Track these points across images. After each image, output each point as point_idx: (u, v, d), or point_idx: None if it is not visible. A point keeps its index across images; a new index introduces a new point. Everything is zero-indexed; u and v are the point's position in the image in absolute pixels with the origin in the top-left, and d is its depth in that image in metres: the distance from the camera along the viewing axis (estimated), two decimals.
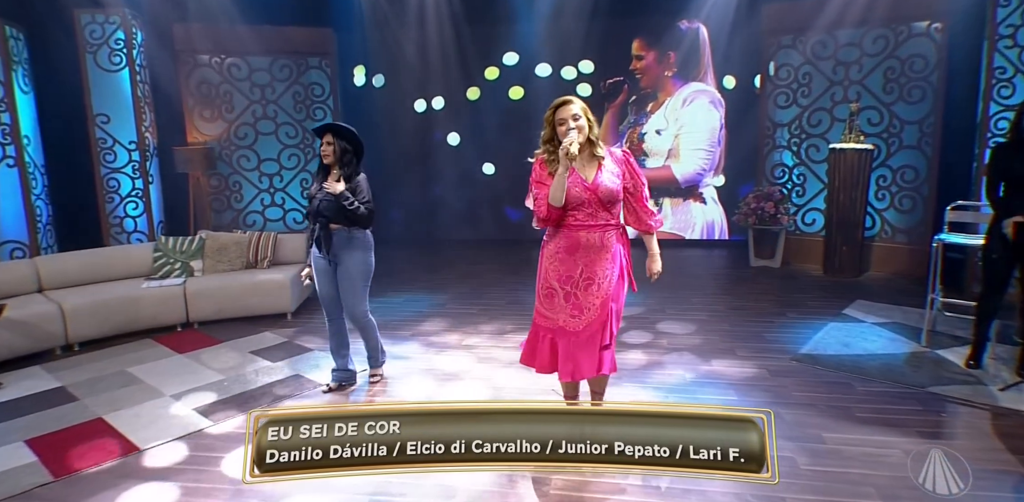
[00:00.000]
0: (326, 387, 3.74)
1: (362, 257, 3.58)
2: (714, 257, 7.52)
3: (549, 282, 2.81)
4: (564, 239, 2.76)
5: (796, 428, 3.21)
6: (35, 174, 5.92)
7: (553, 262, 2.79)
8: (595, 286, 2.75)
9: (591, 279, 2.75)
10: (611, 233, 2.79)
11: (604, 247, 2.76)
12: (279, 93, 7.38)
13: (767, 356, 4.21)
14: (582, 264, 2.75)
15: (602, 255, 2.76)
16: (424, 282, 6.34)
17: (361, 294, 3.61)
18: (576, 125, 2.68)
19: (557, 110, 2.74)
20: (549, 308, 2.82)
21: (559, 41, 7.57)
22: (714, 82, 7.48)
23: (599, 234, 2.75)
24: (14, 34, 5.62)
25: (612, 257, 2.78)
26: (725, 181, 7.75)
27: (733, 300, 5.59)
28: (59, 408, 3.57)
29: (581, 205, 2.73)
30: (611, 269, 2.78)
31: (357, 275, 3.56)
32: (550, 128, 2.76)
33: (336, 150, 3.46)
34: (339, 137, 3.47)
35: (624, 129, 7.88)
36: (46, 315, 4.45)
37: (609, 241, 2.77)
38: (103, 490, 2.74)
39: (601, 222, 2.76)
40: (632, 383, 3.78)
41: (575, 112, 2.71)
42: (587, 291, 2.75)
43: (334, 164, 3.49)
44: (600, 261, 2.75)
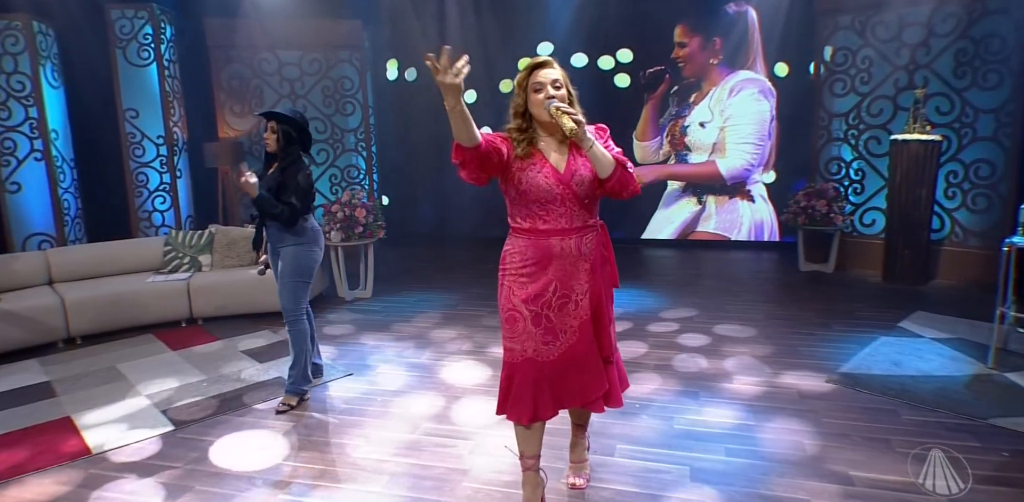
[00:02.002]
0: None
1: (295, 251, 3.28)
2: (761, 260, 6.92)
3: (512, 303, 2.22)
4: (532, 248, 2.19)
5: (819, 464, 2.71)
6: (63, 168, 6.00)
7: (518, 278, 2.21)
8: (571, 304, 2.20)
9: (566, 296, 2.20)
10: (589, 238, 2.21)
11: (582, 256, 2.19)
12: (308, 87, 7.28)
13: (800, 374, 3.68)
14: (555, 279, 2.18)
15: (580, 266, 2.19)
16: (440, 281, 6.07)
17: (292, 290, 3.30)
18: (559, 94, 2.13)
19: (533, 72, 2.16)
20: (512, 335, 2.22)
21: (596, 29, 7.14)
22: (764, 70, 6.87)
23: (576, 240, 2.17)
24: (43, 30, 5.70)
25: (592, 267, 2.22)
26: (776, 177, 7.12)
27: (773, 308, 5.04)
28: (33, 405, 3.48)
29: (551, 202, 2.14)
30: (590, 283, 2.23)
31: (289, 270, 3.29)
32: (523, 95, 2.17)
33: (279, 138, 3.21)
34: (284, 123, 3.22)
35: (665, 122, 7.37)
36: (47, 308, 4.42)
37: (587, 248, 2.20)
38: (35, 496, 2.57)
39: (578, 224, 2.17)
40: (635, 400, 3.35)
41: (556, 78, 2.15)
42: (562, 311, 2.20)
43: (277, 153, 3.25)
44: (576, 274, 2.19)
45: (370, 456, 2.82)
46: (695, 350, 4.11)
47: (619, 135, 7.40)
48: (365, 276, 5.57)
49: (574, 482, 2.57)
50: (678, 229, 7.61)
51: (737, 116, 7.06)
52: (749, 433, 2.99)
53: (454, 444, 2.92)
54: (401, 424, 3.13)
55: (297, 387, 3.37)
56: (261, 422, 3.19)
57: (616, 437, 2.96)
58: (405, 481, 2.62)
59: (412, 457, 2.81)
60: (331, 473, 2.69)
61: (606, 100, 7.31)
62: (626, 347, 4.16)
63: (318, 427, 3.13)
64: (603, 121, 6.23)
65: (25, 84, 5.58)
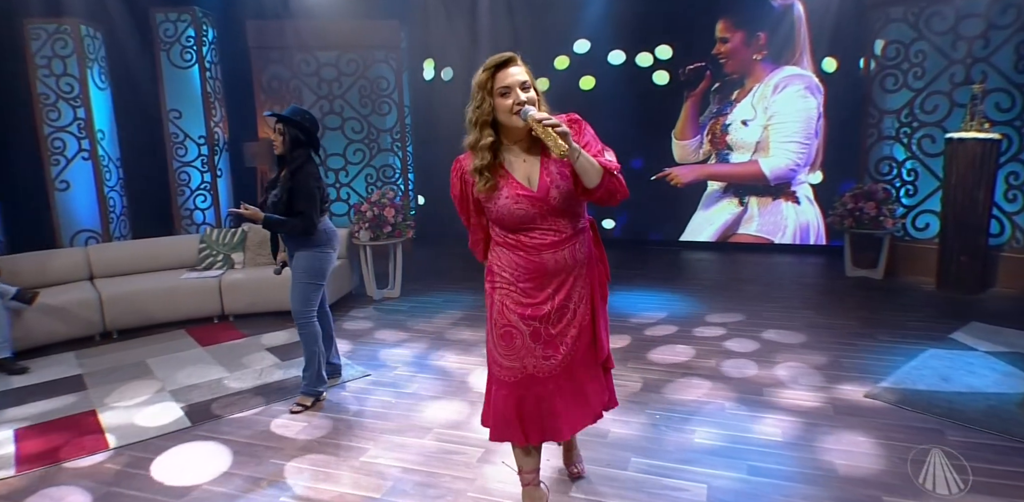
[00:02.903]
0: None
1: (309, 254, 3.26)
2: (806, 265, 6.61)
3: (507, 319, 2.08)
4: (524, 263, 2.04)
5: (851, 487, 2.52)
6: (109, 167, 6.21)
7: (510, 294, 2.07)
8: (569, 314, 2.08)
9: (565, 307, 2.08)
10: (579, 242, 2.05)
11: (577, 264, 2.06)
12: (346, 88, 7.34)
13: (838, 387, 3.46)
14: (553, 292, 2.06)
15: (575, 273, 2.07)
16: (470, 281, 6.01)
17: (302, 292, 3.28)
18: (529, 96, 1.90)
19: (497, 74, 1.90)
20: (509, 352, 2.09)
21: (634, 25, 6.96)
22: (811, 65, 6.57)
23: (569, 250, 2.03)
24: (91, 33, 5.90)
25: (588, 272, 2.11)
26: (823, 178, 6.80)
27: (815, 316, 4.79)
28: (64, 397, 3.58)
29: (531, 222, 1.98)
30: (586, 288, 2.11)
31: (301, 272, 3.28)
32: (490, 101, 1.92)
33: (286, 140, 3.19)
34: (290, 125, 3.20)
35: (705, 120, 7.13)
36: (86, 303, 4.56)
37: (581, 254, 2.07)
38: (49, 487, 2.62)
39: (567, 233, 2.02)
40: (655, 411, 3.21)
41: (524, 79, 1.90)
42: (560, 321, 2.08)
43: (285, 155, 3.23)
44: (574, 282, 2.07)
45: (376, 460, 2.78)
46: (726, 356, 3.93)
47: (657, 134, 7.28)
48: (393, 275, 5.56)
49: (573, 470, 2.58)
50: (718, 231, 7.36)
51: (782, 114, 6.77)
52: (776, 450, 2.81)
53: (463, 451, 2.84)
54: (413, 428, 3.08)
55: (311, 388, 3.36)
56: (273, 421, 3.19)
57: (631, 449, 2.84)
58: (408, 488, 2.56)
59: (419, 463, 2.75)
60: (335, 477, 2.65)
61: (644, 98, 7.13)
62: (661, 353, 4.02)
63: (329, 428, 3.10)
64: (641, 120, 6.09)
65: (73, 86, 5.79)
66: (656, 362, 3.89)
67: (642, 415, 3.17)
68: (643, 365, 3.84)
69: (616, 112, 7.06)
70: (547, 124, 1.80)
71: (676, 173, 7.37)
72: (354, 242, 5.42)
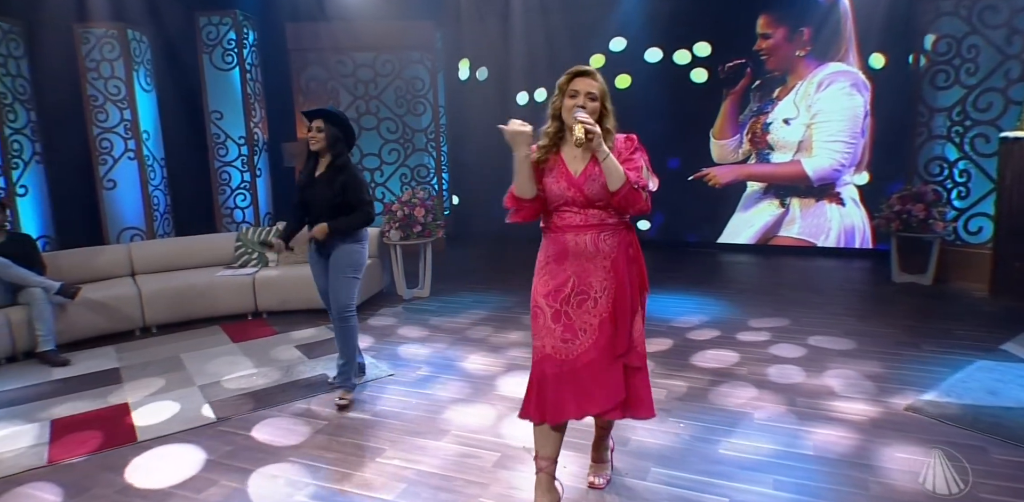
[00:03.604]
0: (331, 380, 3.62)
1: (353, 247, 3.33)
2: (851, 269, 6.37)
3: (535, 299, 2.28)
4: (552, 244, 2.27)
5: None
6: (154, 167, 6.41)
7: (542, 275, 2.28)
8: (590, 302, 2.21)
9: (585, 293, 2.22)
10: (608, 234, 2.22)
11: (599, 253, 2.22)
12: (381, 88, 7.41)
13: (876, 399, 3.30)
14: (573, 275, 2.22)
15: (597, 263, 2.22)
16: (500, 282, 6.00)
17: (347, 286, 3.34)
18: (588, 107, 2.17)
19: (575, 79, 2.22)
20: (535, 331, 2.26)
21: (672, 22, 6.83)
22: (858, 61, 6.32)
23: (591, 237, 2.21)
24: (137, 37, 6.10)
25: (613, 265, 2.22)
26: (870, 179, 6.54)
27: (857, 323, 4.59)
28: (100, 390, 3.69)
29: (565, 203, 2.23)
30: (611, 281, 2.22)
31: (345, 265, 3.32)
32: (560, 98, 2.23)
33: (327, 136, 3.22)
34: (330, 122, 3.23)
35: (745, 119, 6.94)
36: (127, 298, 4.71)
37: (605, 245, 2.22)
38: (77, 478, 2.70)
39: (594, 221, 2.22)
40: (679, 419, 3.12)
41: (591, 91, 2.19)
42: (580, 308, 2.21)
43: (324, 151, 3.25)
44: (595, 271, 2.22)
45: (392, 462, 2.77)
46: (759, 363, 3.80)
47: (695, 133, 7.11)
48: (423, 275, 5.58)
49: (592, 481, 2.54)
50: (758, 233, 7.15)
51: (826, 112, 6.54)
52: (804, 464, 2.69)
53: (480, 455, 2.81)
54: (431, 430, 3.07)
55: (351, 382, 3.44)
56: (296, 419, 3.23)
57: (652, 458, 2.76)
58: (422, 491, 2.54)
59: (435, 466, 2.73)
60: (350, 477, 2.66)
61: (681, 97, 6.99)
62: (704, 358, 3.92)
63: (348, 427, 3.12)
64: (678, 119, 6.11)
65: (120, 88, 6.00)
66: (700, 367, 3.80)
67: (667, 423, 3.08)
68: (685, 370, 3.74)
69: (653, 111, 6.94)
70: (581, 119, 2.10)
71: (714, 173, 7.19)
72: (384, 241, 5.45)
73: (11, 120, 5.50)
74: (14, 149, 5.56)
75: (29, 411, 3.42)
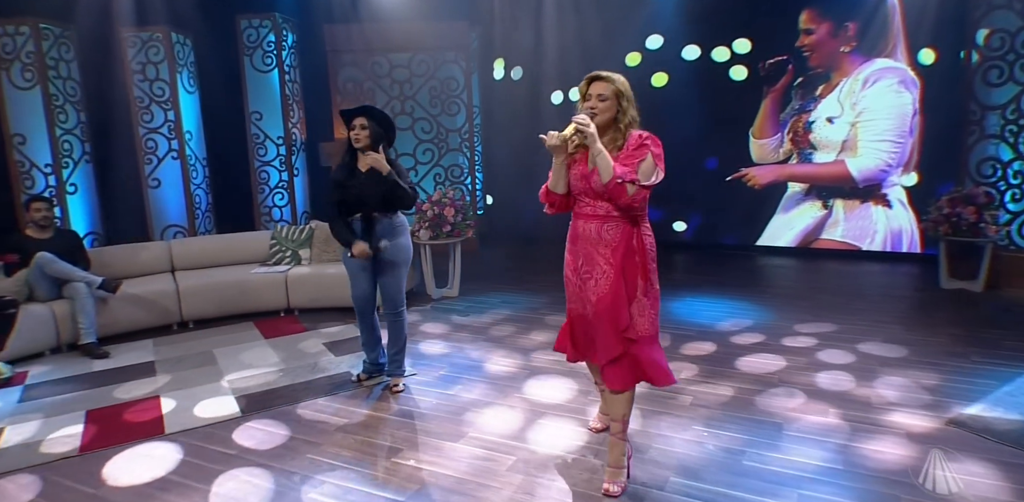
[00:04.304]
0: (355, 378, 3.68)
1: (406, 242, 3.44)
2: (897, 274, 6.12)
3: (565, 270, 2.64)
4: (572, 228, 2.59)
5: None
6: (196, 166, 6.60)
7: (566, 252, 2.63)
8: (592, 281, 2.50)
9: (588, 273, 2.52)
10: (611, 226, 2.46)
11: (601, 240, 2.47)
12: (416, 88, 7.46)
13: (915, 412, 3.15)
14: (582, 256, 2.54)
15: (599, 250, 2.48)
16: (529, 283, 5.96)
17: (402, 281, 3.48)
18: (598, 108, 2.42)
19: (590, 84, 2.49)
20: (567, 295, 2.67)
21: (710, 18, 6.67)
22: (906, 57, 6.05)
23: (596, 225, 2.48)
24: (181, 40, 6.29)
25: (613, 253, 2.45)
26: (919, 180, 6.26)
27: (902, 331, 4.39)
28: (135, 382, 3.81)
29: (580, 193, 2.52)
30: (610, 267, 2.45)
31: (403, 262, 3.43)
32: (582, 100, 2.53)
33: (371, 133, 3.25)
34: (372, 119, 3.25)
35: (786, 117, 6.73)
36: (165, 293, 4.86)
37: (608, 235, 2.46)
38: (105, 468, 2.78)
39: (600, 212, 2.47)
40: (703, 428, 3.03)
41: (600, 92, 2.44)
42: (585, 285, 2.54)
43: (367, 149, 3.27)
44: (597, 256, 2.48)
45: (407, 462, 2.77)
46: (794, 372, 3.67)
47: (734, 132, 6.92)
48: (452, 275, 5.59)
49: (607, 488, 2.52)
50: (799, 236, 6.93)
51: (872, 110, 6.29)
52: (833, 479, 2.58)
53: (496, 458, 2.79)
54: (449, 431, 3.06)
55: (402, 369, 3.61)
56: (318, 416, 3.26)
57: (672, 468, 2.68)
58: (434, 493, 2.53)
59: (450, 468, 2.72)
60: (364, 476, 2.67)
61: (720, 95, 6.82)
62: (749, 365, 3.82)
63: (368, 426, 3.13)
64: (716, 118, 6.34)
65: (165, 90, 6.19)
66: (743, 373, 3.71)
67: (691, 431, 3.00)
68: (726, 376, 3.65)
69: (690, 110, 6.80)
70: (574, 118, 2.39)
71: (754, 173, 7.00)
72: (414, 241, 5.47)
73: (62, 121, 5.74)
74: (65, 149, 5.79)
75: (67, 401, 3.55)
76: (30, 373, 4.01)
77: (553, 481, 2.59)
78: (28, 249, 4.41)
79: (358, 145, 3.28)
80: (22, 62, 5.45)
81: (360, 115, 3.28)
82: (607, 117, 2.42)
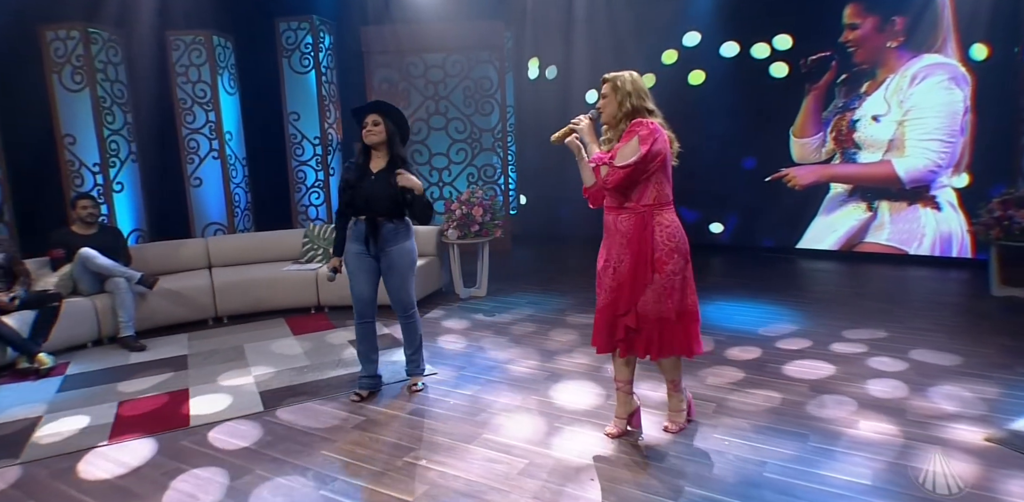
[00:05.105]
0: (356, 397, 3.44)
1: (410, 246, 3.36)
2: (946, 281, 5.84)
3: (597, 262, 2.84)
4: (604, 221, 2.80)
5: None
6: (236, 166, 6.78)
7: (601, 243, 2.83)
8: (611, 269, 2.74)
9: (609, 261, 2.75)
10: (625, 217, 2.67)
11: (618, 231, 2.70)
12: (451, 88, 7.49)
13: (951, 426, 2.99)
14: (606, 245, 2.78)
15: (616, 239, 2.71)
16: (558, 284, 5.92)
17: (410, 285, 3.40)
18: (599, 104, 2.72)
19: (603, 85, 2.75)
20: (598, 286, 2.84)
21: (750, 13, 6.50)
22: (957, 53, 5.77)
23: (613, 216, 2.72)
24: (222, 43, 6.46)
25: (628, 242, 2.67)
26: (971, 181, 5.96)
27: (946, 340, 4.19)
28: (167, 375, 3.93)
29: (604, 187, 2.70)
30: (626, 255, 2.68)
31: (407, 266, 3.34)
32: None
33: (385, 130, 3.20)
34: (386, 116, 3.23)
35: (829, 116, 6.51)
36: (201, 289, 5.00)
37: (622, 226, 2.68)
38: (129, 459, 2.87)
39: (614, 204, 2.71)
40: (724, 437, 2.95)
41: (603, 92, 2.70)
42: (606, 272, 2.76)
43: (380, 146, 3.23)
44: (616, 245, 2.71)
45: (419, 461, 2.77)
46: (826, 381, 3.54)
47: (774, 131, 6.72)
48: (480, 275, 5.58)
49: (666, 425, 2.98)
50: (842, 239, 6.70)
51: (921, 108, 6.02)
52: (857, 495, 2.45)
53: (506, 461, 2.76)
54: (463, 432, 3.05)
55: (421, 368, 3.60)
56: (336, 413, 3.30)
57: (688, 477, 2.61)
58: (441, 494, 2.52)
59: (460, 469, 2.70)
60: (375, 474, 2.68)
61: (759, 93, 6.65)
62: (799, 370, 3.70)
63: (384, 424, 3.15)
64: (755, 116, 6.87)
65: (206, 91, 6.38)
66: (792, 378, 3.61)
67: (710, 440, 2.91)
68: (769, 384, 3.55)
69: (728, 108, 6.65)
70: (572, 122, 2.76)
71: (794, 174, 6.80)
72: (443, 240, 5.51)
73: (109, 122, 5.97)
74: (112, 149, 6.02)
75: (101, 392, 3.68)
76: (71, 364, 4.18)
77: (563, 487, 2.55)
78: (73, 245, 4.59)
79: (372, 142, 3.23)
80: (72, 65, 5.69)
81: (373, 111, 3.24)
82: (610, 112, 2.68)
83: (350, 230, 3.34)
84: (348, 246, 3.36)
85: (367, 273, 3.34)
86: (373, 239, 3.25)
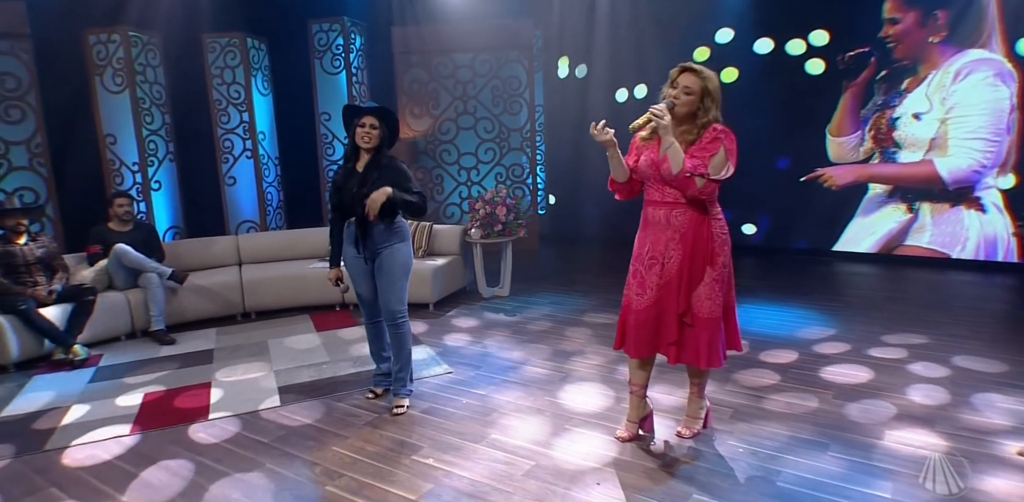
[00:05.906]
0: (371, 394, 3.47)
1: (402, 248, 3.21)
2: (991, 286, 5.60)
3: (632, 260, 2.75)
4: (643, 215, 2.71)
5: None
6: (268, 165, 6.93)
7: (636, 240, 2.74)
8: (658, 266, 2.63)
9: (655, 258, 2.64)
10: (680, 212, 2.58)
11: (670, 226, 2.60)
12: (479, 88, 7.51)
13: (983, 439, 2.85)
14: (649, 241, 2.66)
15: (667, 234, 2.61)
16: (581, 284, 5.87)
17: (401, 290, 3.22)
18: (680, 100, 2.50)
19: (681, 74, 2.55)
20: (627, 286, 2.76)
21: (785, 9, 6.34)
22: (1003, 48, 5.51)
23: (664, 212, 2.61)
24: (256, 45, 6.61)
25: (682, 238, 2.58)
26: (1017, 182, 5.69)
27: (983, 347, 4.00)
28: (193, 368, 4.04)
29: (650, 179, 2.63)
30: (677, 251, 2.59)
31: (397, 269, 3.19)
32: (668, 89, 2.57)
33: (381, 136, 3.13)
34: (384, 122, 3.14)
35: (868, 114, 6.29)
36: (230, 285, 5.13)
37: (676, 221, 2.59)
38: (149, 449, 2.96)
39: (669, 199, 2.60)
40: (738, 443, 2.87)
41: (688, 85, 2.51)
42: (650, 270, 2.65)
43: (372, 150, 3.15)
44: (663, 241, 2.61)
45: (426, 460, 2.78)
46: (853, 390, 3.42)
47: (809, 130, 6.52)
48: (503, 274, 5.58)
49: (680, 431, 2.91)
50: (880, 241, 6.47)
51: (964, 105, 5.77)
52: None
53: (513, 462, 2.75)
54: (473, 432, 3.04)
55: (407, 388, 3.36)
56: (350, 409, 3.33)
57: (697, 484, 2.55)
58: (445, 493, 2.52)
59: (466, 469, 2.70)
60: (382, 472, 2.70)
61: (794, 90, 6.47)
62: (835, 375, 3.61)
63: (395, 422, 3.17)
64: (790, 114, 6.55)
65: (240, 92, 6.53)
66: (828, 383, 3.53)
67: (724, 446, 2.84)
68: (806, 388, 3.46)
69: (762, 106, 6.49)
70: (651, 108, 2.48)
71: (831, 174, 6.59)
72: (466, 240, 5.52)
73: (148, 122, 6.17)
74: (150, 148, 6.22)
75: (129, 384, 3.81)
76: (104, 356, 4.33)
77: (567, 490, 2.52)
78: (110, 241, 4.76)
79: (366, 146, 3.12)
80: (113, 68, 5.90)
81: (372, 114, 3.13)
82: (686, 111, 2.51)
83: (345, 233, 3.28)
84: (345, 249, 3.30)
85: (363, 274, 3.27)
86: (363, 240, 3.17)
